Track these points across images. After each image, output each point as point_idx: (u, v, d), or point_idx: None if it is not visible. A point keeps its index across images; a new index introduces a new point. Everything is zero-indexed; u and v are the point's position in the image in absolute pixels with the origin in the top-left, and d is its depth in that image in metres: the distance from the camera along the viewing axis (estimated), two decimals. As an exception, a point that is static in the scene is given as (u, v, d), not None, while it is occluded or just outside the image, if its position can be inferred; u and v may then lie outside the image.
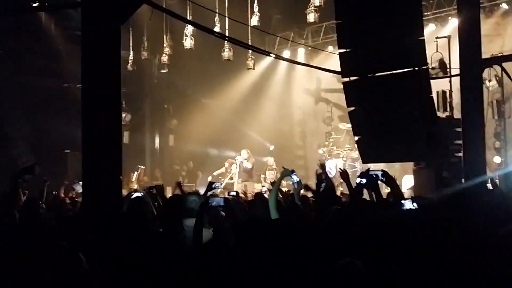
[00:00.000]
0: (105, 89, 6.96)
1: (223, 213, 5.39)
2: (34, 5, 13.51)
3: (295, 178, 5.89)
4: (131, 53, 17.16)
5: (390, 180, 4.88)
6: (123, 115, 17.80)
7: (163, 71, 19.05)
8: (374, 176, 4.94)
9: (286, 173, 5.96)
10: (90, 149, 6.94)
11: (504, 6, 15.68)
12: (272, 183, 7.85)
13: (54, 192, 10.72)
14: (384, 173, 4.92)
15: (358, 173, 9.94)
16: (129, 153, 17.52)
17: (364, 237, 4.03)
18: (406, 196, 6.01)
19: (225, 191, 15.40)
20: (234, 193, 8.62)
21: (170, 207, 5.88)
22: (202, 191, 7.32)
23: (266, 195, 8.04)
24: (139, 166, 18.46)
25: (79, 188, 7.24)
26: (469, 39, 9.22)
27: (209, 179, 15.62)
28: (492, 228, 4.06)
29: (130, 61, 17.22)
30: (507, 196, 6.47)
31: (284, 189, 9.68)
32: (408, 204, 4.41)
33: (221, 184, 7.84)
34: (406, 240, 3.86)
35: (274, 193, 5.47)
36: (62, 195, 11.27)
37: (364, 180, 5.11)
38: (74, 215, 6.96)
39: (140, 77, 19.53)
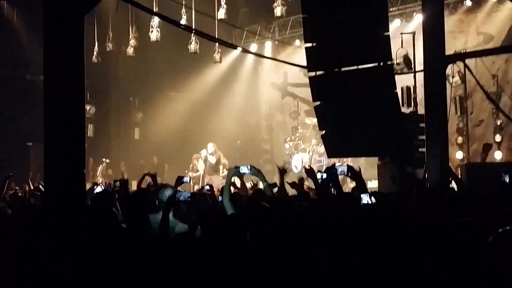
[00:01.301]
0: (68, 80, 6.83)
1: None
2: (-4, -7, 13.21)
3: (244, 169, 5.74)
4: (96, 44, 16.91)
5: (355, 174, 4.92)
6: (88, 107, 17.55)
7: (128, 63, 18.82)
8: (340, 171, 4.97)
9: (231, 171, 5.85)
10: (53, 142, 6.81)
11: (468, 3, 15.92)
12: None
13: (14, 187, 10.50)
14: (349, 168, 4.96)
15: (324, 168, 10.01)
16: (93, 146, 17.32)
17: (326, 230, 4.06)
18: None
19: (195, 185, 15.46)
20: (208, 187, 8.65)
21: (137, 201, 5.85)
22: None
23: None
24: (104, 159, 18.25)
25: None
26: (433, 35, 9.33)
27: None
28: (448, 223, 4.12)
29: (95, 53, 16.96)
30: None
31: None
32: (366, 198, 4.46)
33: (189, 179, 7.81)
34: (365, 234, 3.91)
35: (226, 195, 5.42)
36: (27, 189, 11.07)
37: (324, 175, 5.15)
38: (36, 209, 6.82)
39: (105, 69, 19.25)
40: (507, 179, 5.88)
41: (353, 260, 3.55)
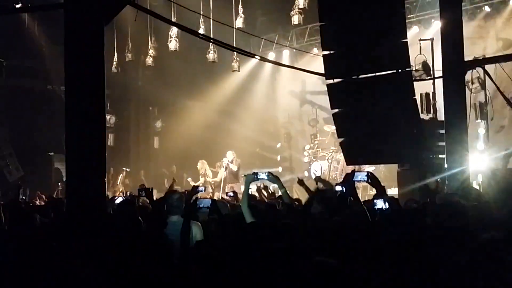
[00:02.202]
0: (89, 91, 6.93)
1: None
2: (17, 6, 13.42)
3: (261, 175, 5.72)
4: (116, 55, 17.09)
5: (374, 181, 4.88)
6: (108, 117, 17.72)
7: (147, 73, 18.95)
8: (360, 178, 4.94)
9: (249, 177, 5.79)
10: (74, 152, 6.91)
11: (487, 9, 15.82)
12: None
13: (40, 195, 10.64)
14: (369, 175, 4.93)
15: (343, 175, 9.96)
16: (114, 156, 17.48)
17: (341, 236, 4.07)
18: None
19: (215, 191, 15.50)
20: (231, 193, 8.73)
21: (157, 209, 5.94)
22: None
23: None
24: (124, 168, 18.39)
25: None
26: (452, 41, 9.30)
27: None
28: (470, 235, 4.09)
29: (114, 63, 17.14)
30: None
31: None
32: (380, 204, 4.45)
33: (204, 189, 7.88)
34: (378, 239, 3.91)
35: (245, 201, 5.43)
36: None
37: (342, 188, 5.15)
38: (59, 217, 6.91)
39: (125, 79, 19.45)
40: None
41: (361, 263, 3.56)
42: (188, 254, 3.98)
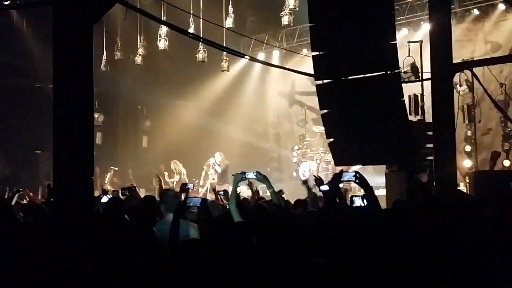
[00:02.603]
0: (77, 89, 6.89)
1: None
2: (6, 3, 13.31)
3: (250, 175, 5.71)
4: (105, 53, 17.02)
5: (362, 181, 4.90)
6: (96, 115, 17.66)
7: (136, 71, 18.89)
8: (348, 178, 4.95)
9: (238, 177, 5.76)
10: (62, 150, 6.86)
11: (475, 12, 15.94)
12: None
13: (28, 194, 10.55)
14: (357, 174, 4.94)
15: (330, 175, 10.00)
16: (101, 154, 17.41)
17: (329, 237, 4.09)
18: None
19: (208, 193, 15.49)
20: (222, 192, 8.74)
21: (145, 208, 5.92)
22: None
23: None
24: (111, 167, 18.31)
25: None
26: (440, 44, 9.34)
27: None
28: (456, 232, 4.13)
29: (103, 61, 17.08)
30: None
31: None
32: (358, 201, 4.47)
33: (193, 186, 7.89)
34: (359, 237, 3.93)
35: (233, 201, 5.42)
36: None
37: (325, 187, 5.16)
38: (45, 216, 6.87)
39: (114, 77, 19.37)
40: None
41: (350, 262, 3.57)
42: (176, 252, 3.97)
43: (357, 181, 4.89)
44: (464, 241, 3.99)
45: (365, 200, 4.45)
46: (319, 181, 6.90)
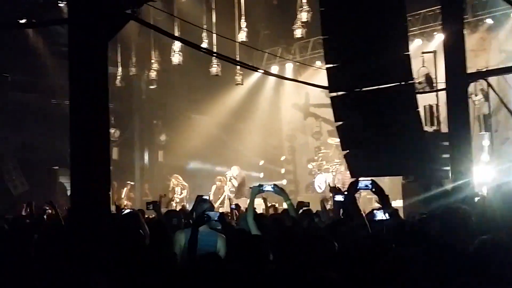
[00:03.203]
0: (93, 105, 6.96)
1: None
2: (22, 21, 13.51)
3: (267, 187, 5.68)
4: (119, 69, 17.18)
5: (378, 190, 4.87)
6: (112, 131, 17.76)
7: (151, 87, 19.06)
8: (364, 185, 4.92)
9: (255, 189, 5.73)
10: (79, 166, 6.91)
11: (489, 21, 15.86)
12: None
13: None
14: (373, 183, 4.91)
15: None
16: (118, 169, 17.52)
17: (342, 250, 4.06)
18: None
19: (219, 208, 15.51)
20: (234, 206, 8.75)
21: (160, 223, 5.94)
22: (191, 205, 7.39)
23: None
24: (128, 182, 18.40)
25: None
26: (454, 54, 9.33)
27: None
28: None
29: (118, 77, 17.23)
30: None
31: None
32: (380, 215, 4.43)
33: (208, 197, 7.91)
34: (378, 251, 3.90)
35: (250, 214, 5.40)
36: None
37: (340, 197, 5.14)
38: (61, 232, 6.91)
39: (129, 93, 19.54)
40: None
41: (363, 278, 3.55)
42: (193, 264, 3.98)
43: (373, 189, 4.87)
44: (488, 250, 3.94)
45: (387, 214, 4.41)
46: (334, 190, 6.86)
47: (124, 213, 6.74)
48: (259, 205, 9.27)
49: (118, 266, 4.46)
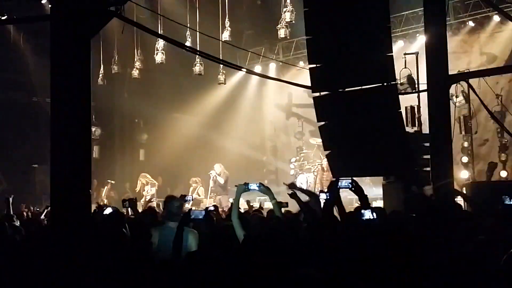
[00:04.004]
0: (75, 102, 6.91)
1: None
2: (3, 18, 13.36)
3: (253, 186, 5.63)
4: (102, 67, 17.05)
5: (358, 189, 4.90)
6: (93, 129, 17.62)
7: (134, 85, 18.94)
8: (344, 184, 4.93)
9: (240, 188, 5.66)
10: (59, 164, 6.86)
11: (471, 24, 16.02)
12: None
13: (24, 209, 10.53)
14: (353, 182, 4.93)
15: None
16: (99, 168, 17.36)
17: (327, 249, 4.08)
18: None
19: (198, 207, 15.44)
20: (212, 208, 8.70)
21: (141, 221, 5.91)
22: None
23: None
24: (108, 180, 18.29)
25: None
26: (436, 55, 9.40)
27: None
28: (456, 242, 4.14)
29: (100, 75, 17.10)
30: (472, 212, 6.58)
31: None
32: (368, 214, 4.46)
33: (191, 197, 7.88)
34: (365, 250, 3.92)
35: (235, 212, 5.38)
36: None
37: (326, 195, 5.15)
38: (42, 230, 6.86)
39: (111, 91, 19.40)
40: (507, 201, 5.86)
41: (344, 274, 3.57)
42: (179, 264, 3.97)
43: (352, 188, 4.89)
44: (462, 252, 4.00)
45: (374, 214, 4.43)
46: (292, 186, 6.78)
47: (105, 212, 6.67)
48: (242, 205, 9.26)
49: (101, 265, 4.42)
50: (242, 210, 9.28)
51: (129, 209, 7.41)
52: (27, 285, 4.08)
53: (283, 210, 6.58)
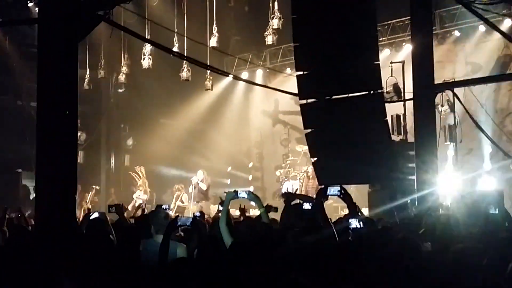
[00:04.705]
0: (61, 107, 6.87)
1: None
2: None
3: (242, 194, 5.65)
4: (88, 71, 16.96)
5: (346, 196, 4.91)
6: (78, 134, 17.51)
7: (120, 90, 18.91)
8: (333, 192, 4.95)
9: (229, 195, 5.66)
10: (44, 169, 6.81)
11: (456, 33, 16.16)
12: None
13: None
14: (341, 190, 4.95)
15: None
16: (83, 173, 17.25)
17: (312, 256, 4.09)
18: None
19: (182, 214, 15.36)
20: (198, 214, 8.68)
21: (130, 227, 5.87)
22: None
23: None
24: (93, 186, 18.18)
25: None
26: (422, 64, 9.48)
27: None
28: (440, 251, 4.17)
29: (86, 80, 16.98)
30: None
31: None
32: (354, 223, 4.48)
33: (168, 206, 7.83)
34: (351, 258, 3.94)
35: (223, 219, 5.37)
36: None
37: (307, 205, 5.17)
38: (27, 236, 6.79)
39: (97, 96, 19.31)
40: (492, 211, 5.93)
41: (331, 282, 3.58)
42: (165, 272, 3.94)
43: (341, 196, 4.91)
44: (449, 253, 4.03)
45: (361, 222, 4.45)
46: (286, 195, 6.84)
47: (91, 217, 6.63)
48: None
49: (84, 272, 4.39)
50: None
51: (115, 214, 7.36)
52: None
53: (272, 215, 6.59)
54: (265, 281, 3.41)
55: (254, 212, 12.42)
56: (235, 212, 9.13)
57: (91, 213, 6.71)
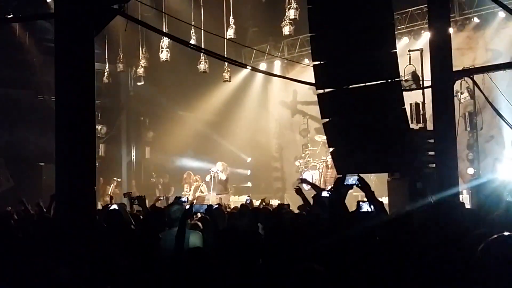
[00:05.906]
0: (79, 101, 6.94)
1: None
2: (8, 16, 13.42)
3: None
4: (107, 65, 17.11)
5: (365, 186, 4.90)
6: (99, 127, 17.72)
7: (139, 83, 19.01)
8: (351, 182, 4.93)
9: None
10: (64, 162, 6.90)
11: (476, 20, 15.96)
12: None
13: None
14: (360, 179, 4.93)
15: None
16: (105, 166, 17.46)
17: (331, 244, 4.10)
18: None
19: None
20: (216, 206, 8.76)
21: (152, 218, 5.94)
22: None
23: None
24: (115, 178, 18.37)
25: None
26: (440, 52, 9.36)
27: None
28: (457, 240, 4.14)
29: (105, 73, 17.14)
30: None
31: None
32: (366, 207, 4.48)
33: (187, 199, 7.88)
34: (363, 243, 3.94)
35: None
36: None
37: (325, 193, 5.16)
38: (46, 227, 6.89)
39: (116, 89, 19.48)
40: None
41: (348, 270, 3.58)
42: (181, 260, 3.99)
43: (359, 185, 4.90)
44: (463, 246, 4.00)
45: (372, 206, 4.46)
46: (303, 181, 6.87)
47: (110, 208, 6.72)
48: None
49: (105, 261, 4.45)
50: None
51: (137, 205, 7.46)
52: (31, 280, 4.11)
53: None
54: (280, 267, 3.44)
55: (273, 203, 12.47)
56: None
57: (110, 205, 6.80)
